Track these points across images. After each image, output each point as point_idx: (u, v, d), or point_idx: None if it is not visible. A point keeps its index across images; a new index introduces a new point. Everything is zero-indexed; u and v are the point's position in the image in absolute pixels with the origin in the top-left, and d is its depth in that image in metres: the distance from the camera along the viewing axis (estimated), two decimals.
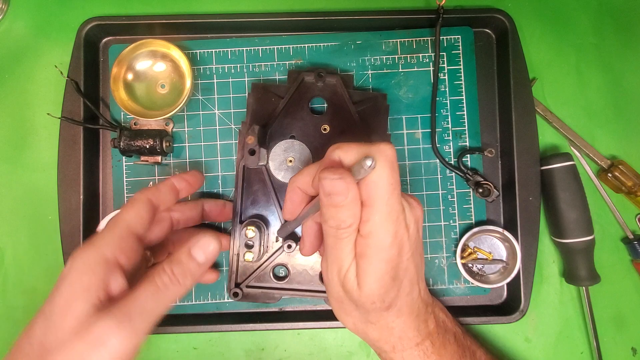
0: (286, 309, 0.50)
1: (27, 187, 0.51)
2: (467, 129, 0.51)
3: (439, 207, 0.51)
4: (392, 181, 0.30)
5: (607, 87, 0.53)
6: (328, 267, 0.35)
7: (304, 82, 0.48)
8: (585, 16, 0.53)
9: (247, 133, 0.44)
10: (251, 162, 0.45)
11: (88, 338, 0.28)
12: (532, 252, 0.49)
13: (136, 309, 0.30)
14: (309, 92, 0.49)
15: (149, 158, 0.48)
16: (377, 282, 0.33)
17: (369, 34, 0.51)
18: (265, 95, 0.48)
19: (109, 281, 0.31)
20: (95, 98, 0.50)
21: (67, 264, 0.30)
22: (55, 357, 0.28)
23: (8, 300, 0.50)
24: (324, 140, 0.48)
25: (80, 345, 0.28)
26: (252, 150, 0.45)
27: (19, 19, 0.53)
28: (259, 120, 0.48)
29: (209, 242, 0.34)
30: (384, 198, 0.31)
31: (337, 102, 0.48)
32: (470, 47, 0.52)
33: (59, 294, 0.30)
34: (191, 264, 0.33)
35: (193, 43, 0.51)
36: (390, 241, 0.32)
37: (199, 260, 0.33)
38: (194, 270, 0.33)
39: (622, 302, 0.51)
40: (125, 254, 0.32)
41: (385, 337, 0.38)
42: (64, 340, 0.28)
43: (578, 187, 0.49)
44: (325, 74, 0.48)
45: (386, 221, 0.31)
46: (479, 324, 0.49)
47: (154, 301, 0.31)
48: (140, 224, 0.35)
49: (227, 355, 0.51)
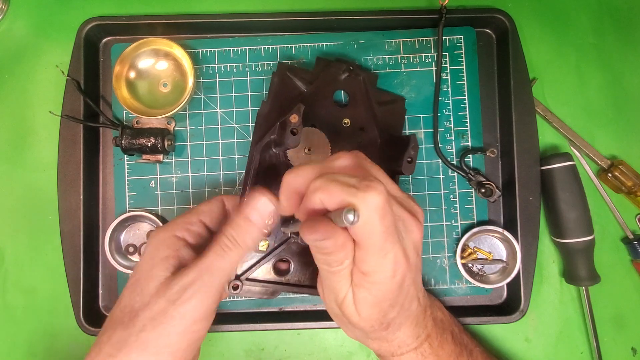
0: (286, 309, 0.50)
1: (27, 187, 0.51)
2: (470, 129, 0.51)
3: (441, 207, 0.51)
4: (384, 228, 0.29)
5: (607, 87, 0.53)
6: (324, 292, 0.35)
7: (331, 72, 0.47)
8: (585, 16, 0.53)
9: (292, 111, 0.40)
10: (292, 141, 0.40)
11: (167, 295, 0.33)
12: (532, 252, 0.49)
13: (206, 269, 0.34)
14: (334, 83, 0.47)
15: (151, 157, 0.48)
16: (375, 310, 0.33)
17: (372, 34, 0.51)
18: (289, 77, 0.47)
19: (181, 252, 0.36)
20: (95, 98, 0.50)
21: (147, 242, 0.36)
22: (141, 315, 0.33)
23: (8, 300, 0.50)
24: (344, 133, 0.47)
25: (162, 301, 0.33)
26: (294, 130, 0.40)
27: (19, 19, 0.53)
28: (280, 101, 0.46)
29: (263, 203, 0.36)
30: (377, 245, 0.29)
31: (360, 98, 0.48)
32: (473, 47, 0.52)
33: (142, 265, 0.35)
34: (248, 226, 0.35)
35: (195, 42, 0.51)
36: (389, 278, 0.31)
37: (254, 221, 0.35)
38: (251, 231, 0.35)
39: (622, 302, 0.51)
40: (193, 236, 0.37)
41: (385, 347, 0.38)
42: (148, 300, 0.33)
43: (578, 187, 0.49)
44: (355, 68, 0.47)
45: (383, 263, 0.30)
46: (479, 324, 0.49)
47: (220, 262, 0.34)
48: (210, 216, 0.39)
49: (227, 355, 0.51)
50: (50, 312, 0.50)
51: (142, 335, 0.32)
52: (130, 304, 0.34)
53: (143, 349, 0.32)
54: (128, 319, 0.33)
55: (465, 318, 0.48)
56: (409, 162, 0.43)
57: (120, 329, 0.33)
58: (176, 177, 0.50)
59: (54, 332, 0.50)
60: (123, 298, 0.35)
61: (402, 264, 0.31)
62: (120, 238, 0.50)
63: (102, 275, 0.50)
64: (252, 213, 0.35)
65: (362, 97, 0.48)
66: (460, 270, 0.49)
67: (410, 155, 0.43)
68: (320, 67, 0.48)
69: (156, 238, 0.36)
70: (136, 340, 0.32)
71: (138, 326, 0.33)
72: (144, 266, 0.35)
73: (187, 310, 0.33)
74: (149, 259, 0.35)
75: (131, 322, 0.33)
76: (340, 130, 0.47)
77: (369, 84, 0.48)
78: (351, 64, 0.47)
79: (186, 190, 0.50)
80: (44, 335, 0.50)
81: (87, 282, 0.48)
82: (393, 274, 0.31)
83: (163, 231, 0.37)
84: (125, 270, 0.48)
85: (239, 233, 0.35)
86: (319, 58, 0.49)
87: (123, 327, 0.33)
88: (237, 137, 0.51)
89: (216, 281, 0.34)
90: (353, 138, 0.47)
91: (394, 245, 0.30)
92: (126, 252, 0.50)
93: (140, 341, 0.32)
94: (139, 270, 0.35)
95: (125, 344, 0.32)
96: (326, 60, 0.49)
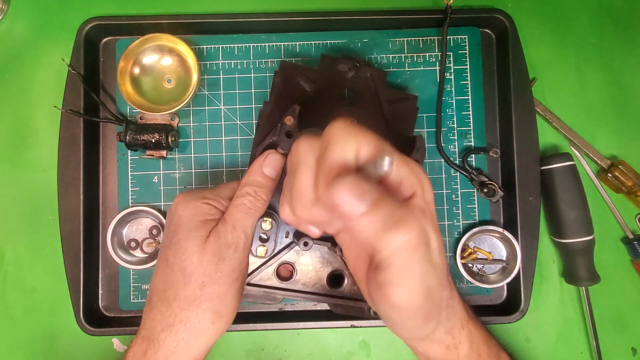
0: (286, 309, 0.50)
1: (27, 187, 0.51)
2: (473, 129, 0.51)
3: (443, 206, 0.51)
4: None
5: (607, 87, 0.53)
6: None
7: (337, 69, 0.46)
8: (585, 16, 0.54)
9: (287, 113, 0.39)
10: (287, 145, 0.39)
11: (209, 250, 0.36)
12: (532, 252, 0.49)
13: (234, 222, 0.37)
14: (340, 81, 0.46)
15: (154, 152, 0.48)
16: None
17: (376, 33, 0.51)
18: (293, 76, 0.46)
19: (215, 216, 0.38)
20: (96, 97, 0.50)
21: (180, 205, 0.38)
22: (196, 273, 0.36)
23: (8, 300, 0.50)
24: None
25: (212, 258, 0.36)
26: (290, 132, 0.39)
27: (19, 19, 0.53)
28: (283, 101, 0.44)
29: (274, 157, 0.39)
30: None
31: (368, 96, 0.46)
32: (477, 47, 0.52)
33: (181, 227, 0.37)
34: (265, 181, 0.39)
35: (200, 38, 0.51)
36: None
37: (270, 176, 0.39)
38: (268, 185, 0.39)
39: (622, 302, 0.51)
40: (222, 206, 0.39)
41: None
42: (191, 257, 0.36)
43: (578, 187, 0.49)
44: (362, 65, 0.45)
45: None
46: None
47: (244, 216, 0.38)
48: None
49: (227, 355, 0.51)
50: (50, 312, 0.50)
51: (204, 290, 0.36)
52: (179, 262, 0.36)
53: (210, 299, 0.36)
54: (182, 276, 0.36)
55: None
56: None
57: (182, 285, 0.36)
58: (179, 173, 0.51)
59: (54, 332, 0.50)
60: (169, 258, 0.37)
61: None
62: (122, 233, 0.50)
63: (102, 275, 0.50)
64: (265, 167, 0.39)
65: (370, 96, 0.46)
66: (460, 270, 0.49)
67: (415, 158, 0.41)
68: (325, 65, 0.47)
69: (192, 203, 0.38)
70: (202, 293, 0.36)
71: (198, 281, 0.36)
72: (182, 227, 0.37)
73: (232, 264, 0.37)
74: (187, 220, 0.37)
75: (190, 278, 0.36)
76: None
77: (378, 81, 0.46)
78: (358, 60, 0.45)
79: (189, 186, 0.50)
80: (44, 336, 0.50)
81: (87, 282, 0.48)
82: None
83: (196, 199, 0.38)
84: (127, 265, 0.48)
85: (261, 188, 0.39)
86: (324, 55, 0.48)
87: (184, 283, 0.36)
88: (240, 134, 0.51)
89: (245, 233, 0.38)
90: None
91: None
92: (128, 247, 0.50)
93: (206, 293, 0.36)
94: (180, 231, 0.37)
95: (193, 298, 0.36)
96: (331, 57, 0.47)
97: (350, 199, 0.25)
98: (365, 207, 0.25)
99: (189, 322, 0.36)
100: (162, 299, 0.37)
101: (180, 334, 0.36)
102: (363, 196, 0.25)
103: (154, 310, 0.37)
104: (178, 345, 0.36)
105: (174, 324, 0.36)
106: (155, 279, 0.38)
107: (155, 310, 0.37)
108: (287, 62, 0.48)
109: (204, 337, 0.37)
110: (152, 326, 0.36)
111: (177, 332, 0.36)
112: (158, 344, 0.36)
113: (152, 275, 0.39)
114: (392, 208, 0.25)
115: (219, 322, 0.37)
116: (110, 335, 0.50)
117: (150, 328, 0.36)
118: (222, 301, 0.37)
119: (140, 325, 0.38)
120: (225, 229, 0.37)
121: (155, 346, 0.36)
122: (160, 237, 0.50)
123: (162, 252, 0.38)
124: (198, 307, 0.36)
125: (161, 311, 0.36)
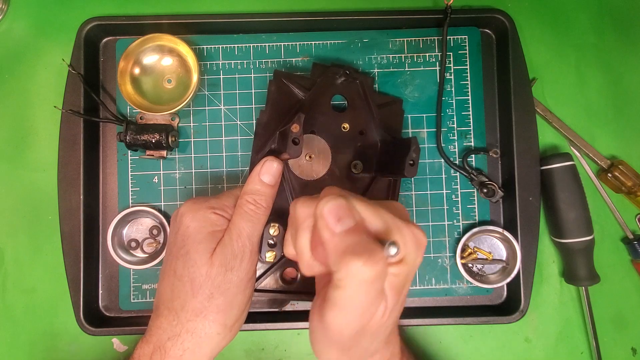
0: (286, 309, 0.50)
1: (27, 187, 0.51)
2: (473, 129, 0.51)
3: (443, 206, 0.51)
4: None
5: (607, 87, 0.53)
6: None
7: (327, 77, 0.47)
8: (585, 16, 0.54)
9: (293, 121, 0.40)
10: (295, 151, 0.40)
11: (217, 262, 0.37)
12: (532, 252, 0.49)
13: (239, 231, 0.38)
14: (331, 88, 0.47)
15: (155, 152, 0.48)
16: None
17: (376, 32, 0.51)
18: (287, 84, 0.47)
19: (222, 227, 0.39)
20: (97, 96, 0.50)
21: (185, 215, 0.38)
22: (205, 285, 0.37)
23: (8, 300, 0.50)
24: (344, 138, 0.47)
25: (220, 269, 0.37)
26: (296, 139, 0.40)
27: (19, 19, 0.53)
28: (279, 109, 0.46)
29: (271, 165, 0.40)
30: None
31: (358, 102, 0.48)
32: (477, 48, 0.52)
33: (189, 237, 0.38)
34: (264, 189, 0.40)
35: (200, 38, 0.51)
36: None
37: (269, 183, 0.40)
38: (268, 192, 0.40)
39: (622, 302, 0.51)
40: (227, 215, 0.40)
41: None
42: (200, 270, 0.37)
43: (578, 187, 0.49)
44: (351, 72, 0.47)
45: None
46: (479, 324, 0.49)
47: (248, 224, 0.39)
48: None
49: (227, 355, 0.51)
50: (50, 312, 0.50)
51: (212, 302, 0.37)
52: (188, 274, 0.37)
53: (217, 312, 0.37)
54: (190, 287, 0.37)
55: (465, 318, 0.48)
56: (411, 165, 0.42)
57: (190, 296, 0.37)
58: (179, 173, 0.51)
59: (54, 332, 0.50)
60: (177, 269, 0.38)
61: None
62: (122, 233, 0.50)
63: (102, 275, 0.50)
64: (263, 175, 0.40)
65: (360, 101, 0.48)
66: (460, 270, 0.49)
67: (412, 158, 0.42)
68: (317, 73, 0.48)
69: (199, 213, 0.39)
70: (209, 305, 0.37)
71: (206, 293, 0.37)
72: (191, 238, 0.38)
73: (239, 274, 0.38)
74: (195, 232, 0.38)
75: (199, 290, 0.37)
76: (340, 135, 0.47)
77: (366, 87, 0.48)
78: (347, 68, 0.47)
79: (189, 186, 0.50)
80: (44, 335, 0.50)
81: (87, 282, 0.48)
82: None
83: (204, 209, 0.39)
84: (127, 265, 0.48)
85: (260, 196, 0.39)
86: (315, 63, 0.49)
87: (192, 294, 0.37)
88: (240, 134, 0.51)
89: (250, 244, 0.39)
90: (353, 142, 0.47)
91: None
92: (128, 247, 0.50)
93: (214, 305, 0.37)
94: (188, 243, 0.38)
95: (200, 310, 0.37)
96: (323, 65, 0.49)
97: (331, 218, 0.28)
98: (342, 228, 0.28)
99: (196, 333, 0.37)
100: (170, 308, 0.38)
101: (186, 344, 0.37)
102: (344, 219, 0.28)
103: (161, 318, 0.38)
104: (184, 354, 0.37)
105: (181, 333, 0.37)
106: (163, 288, 0.39)
107: (162, 318, 0.38)
108: (280, 70, 0.48)
109: (209, 347, 0.38)
110: (158, 334, 0.37)
111: (184, 342, 0.37)
112: (164, 351, 0.37)
113: (159, 283, 0.39)
114: (366, 241, 0.27)
115: (224, 332, 0.38)
116: (110, 335, 0.50)
117: (157, 335, 0.37)
118: (228, 312, 0.38)
119: (146, 331, 0.39)
120: (230, 238, 0.38)
121: (162, 352, 0.37)
122: (161, 237, 0.51)
123: (169, 262, 0.39)
124: (205, 318, 0.37)
125: (168, 320, 0.37)
